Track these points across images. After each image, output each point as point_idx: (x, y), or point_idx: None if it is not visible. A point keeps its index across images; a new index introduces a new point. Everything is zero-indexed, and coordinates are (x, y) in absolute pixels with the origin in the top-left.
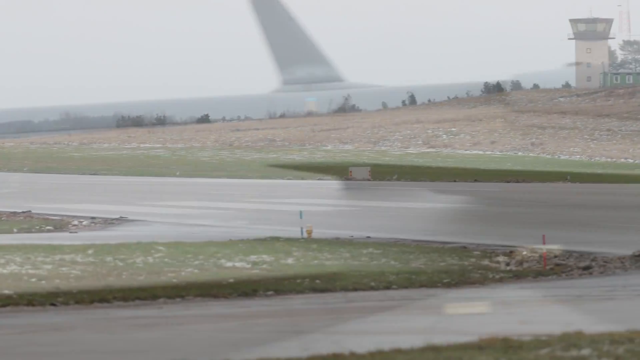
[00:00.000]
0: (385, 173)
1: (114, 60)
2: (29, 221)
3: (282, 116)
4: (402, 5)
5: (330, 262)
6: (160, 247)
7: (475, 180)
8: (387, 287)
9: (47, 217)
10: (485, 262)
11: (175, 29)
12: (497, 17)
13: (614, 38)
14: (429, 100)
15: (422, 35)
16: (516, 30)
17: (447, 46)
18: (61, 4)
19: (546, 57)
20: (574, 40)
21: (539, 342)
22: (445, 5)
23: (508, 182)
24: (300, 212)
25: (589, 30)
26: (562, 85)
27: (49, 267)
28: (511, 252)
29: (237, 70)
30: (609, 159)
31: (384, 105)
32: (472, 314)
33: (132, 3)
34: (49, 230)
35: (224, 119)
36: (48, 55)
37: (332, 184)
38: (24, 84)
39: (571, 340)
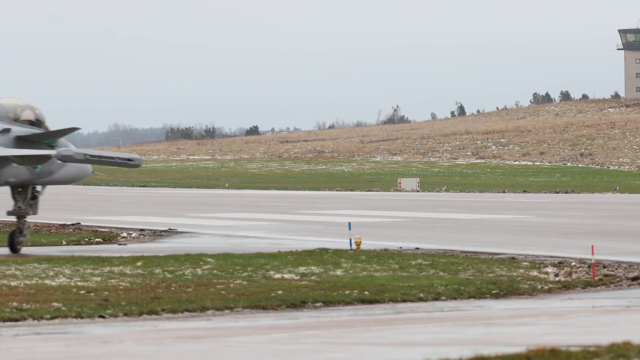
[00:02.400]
0: (434, 184)
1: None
2: (78, 233)
3: (331, 127)
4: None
5: (378, 273)
6: (209, 259)
7: (525, 191)
8: (436, 299)
9: (96, 229)
10: (534, 272)
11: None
12: (546, 28)
13: None
14: (478, 111)
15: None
16: (565, 42)
17: (497, 58)
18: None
19: (595, 67)
20: (623, 51)
21: (587, 353)
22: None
23: (557, 192)
24: (349, 224)
25: (638, 41)
26: (612, 95)
27: (98, 279)
28: (560, 262)
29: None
30: None
31: (433, 116)
32: (520, 324)
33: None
34: (98, 243)
35: (272, 130)
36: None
37: (382, 195)
38: (75, 95)
39: (619, 351)
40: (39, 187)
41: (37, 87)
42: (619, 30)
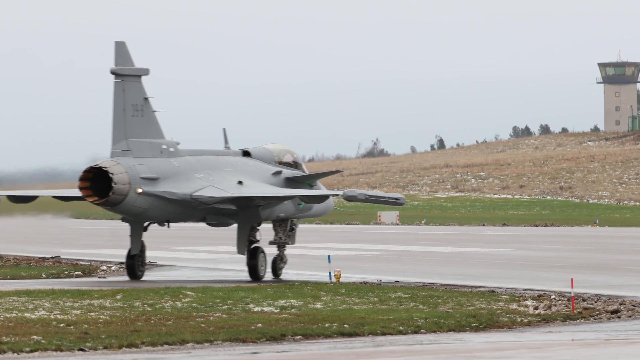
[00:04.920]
0: (414, 217)
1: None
2: (57, 266)
3: (311, 160)
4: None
5: (358, 306)
6: (189, 292)
7: (504, 225)
8: (415, 332)
9: (76, 262)
10: (514, 305)
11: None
12: (526, 62)
13: None
14: (458, 144)
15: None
16: (545, 75)
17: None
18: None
19: (575, 101)
20: (602, 84)
21: None
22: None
23: (536, 225)
24: (329, 257)
25: (618, 74)
26: (591, 128)
27: (78, 312)
28: (540, 295)
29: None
30: (638, 203)
31: (413, 149)
32: (500, 357)
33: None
34: (77, 276)
35: None
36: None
37: (361, 228)
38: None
39: None
40: (295, 220)
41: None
42: (599, 64)
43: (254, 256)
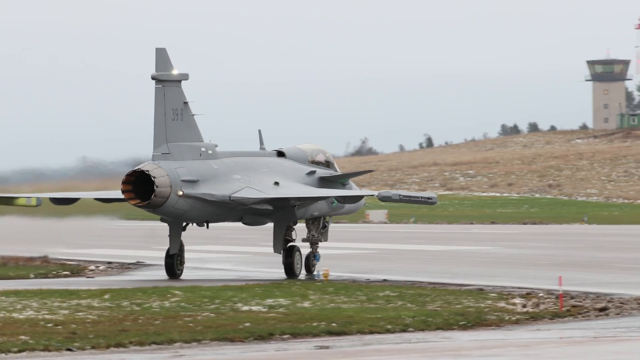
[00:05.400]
0: (402, 216)
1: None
2: (45, 266)
3: None
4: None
5: (346, 305)
6: (177, 292)
7: (492, 223)
8: (403, 330)
9: (64, 262)
10: (502, 304)
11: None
12: (514, 60)
13: (631, 79)
14: (446, 143)
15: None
16: (533, 73)
17: (465, 90)
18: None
19: (563, 99)
20: (591, 82)
21: None
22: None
23: (525, 223)
24: (317, 256)
25: (606, 72)
26: (580, 126)
27: (66, 312)
28: (528, 293)
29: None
30: (626, 200)
31: (401, 148)
32: (488, 355)
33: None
34: (65, 275)
35: None
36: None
37: (349, 227)
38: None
39: None
40: (327, 218)
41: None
42: (587, 62)
43: (290, 255)
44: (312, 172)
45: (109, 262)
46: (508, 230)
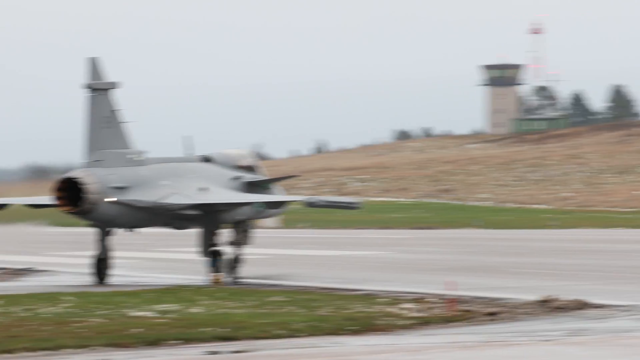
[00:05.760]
0: (295, 221)
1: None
2: None
3: None
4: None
5: (236, 310)
6: (67, 297)
7: (385, 227)
8: (294, 335)
9: None
10: (392, 309)
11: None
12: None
13: (523, 84)
14: (339, 148)
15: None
16: (426, 78)
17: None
18: None
19: (456, 104)
20: (484, 87)
21: None
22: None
23: (417, 228)
24: (209, 261)
25: (499, 77)
26: (473, 131)
27: None
28: (419, 298)
29: None
30: (519, 205)
31: (294, 153)
32: None
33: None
34: None
35: None
36: None
37: None
38: None
39: None
40: (252, 221)
41: None
42: (481, 67)
43: (216, 258)
44: (238, 177)
45: (3, 268)
46: (400, 235)
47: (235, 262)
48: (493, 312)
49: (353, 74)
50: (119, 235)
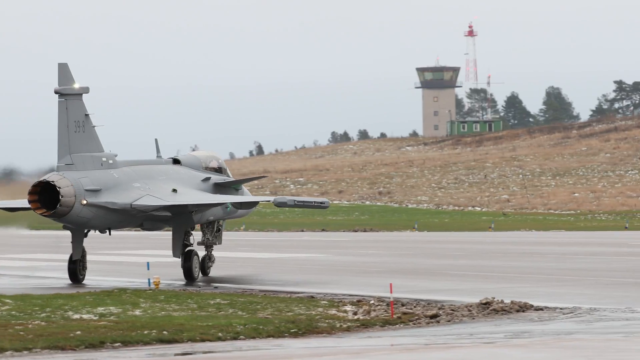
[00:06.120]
0: (233, 223)
1: None
2: None
3: None
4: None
5: (177, 313)
6: (7, 300)
7: (323, 230)
8: (235, 338)
9: None
10: (333, 311)
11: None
12: (344, 68)
13: (460, 86)
14: (277, 150)
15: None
16: (363, 81)
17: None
18: None
19: (393, 106)
20: (420, 89)
21: None
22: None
23: (355, 231)
24: (148, 264)
25: (436, 79)
26: (410, 133)
27: None
28: (359, 301)
29: None
30: (456, 207)
31: (231, 155)
32: None
33: None
34: None
35: None
36: None
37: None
38: None
39: None
40: (222, 222)
41: None
42: (417, 69)
43: (188, 258)
44: (207, 179)
45: None
46: (339, 238)
47: (207, 261)
48: (434, 314)
49: (290, 77)
50: (59, 238)
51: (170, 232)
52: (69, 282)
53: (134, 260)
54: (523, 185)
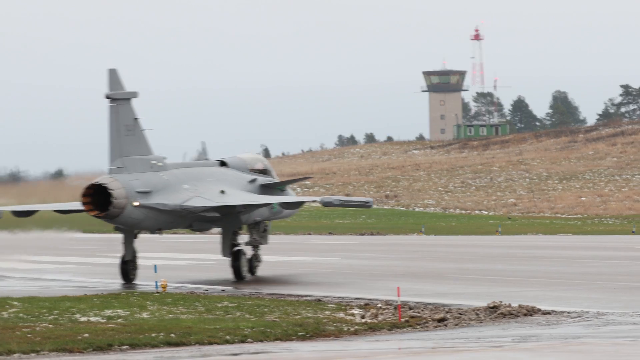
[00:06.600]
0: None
1: None
2: None
3: None
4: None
5: (185, 315)
6: (15, 302)
7: (330, 233)
8: (242, 341)
9: None
10: (340, 314)
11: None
12: (351, 71)
13: (467, 90)
14: (283, 153)
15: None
16: (370, 85)
17: (302, 101)
18: None
19: (400, 110)
20: (427, 93)
21: None
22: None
23: (363, 234)
24: (155, 266)
25: (442, 83)
26: (416, 137)
27: None
28: (366, 304)
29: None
30: (463, 211)
31: None
32: None
33: None
34: None
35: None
36: None
37: (189, 238)
38: None
39: None
40: (267, 222)
41: None
42: (424, 73)
43: (237, 258)
44: (254, 180)
45: None
46: (346, 241)
47: (254, 261)
48: (441, 318)
49: (297, 81)
50: (65, 241)
51: (179, 235)
52: (122, 282)
53: (142, 263)
54: (530, 189)
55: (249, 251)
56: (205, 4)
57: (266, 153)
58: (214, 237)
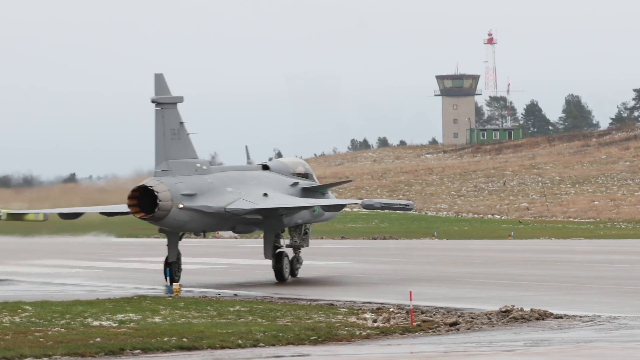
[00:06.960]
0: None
1: None
2: None
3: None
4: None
5: (197, 320)
6: (27, 307)
7: (343, 237)
8: (254, 345)
9: None
10: (352, 319)
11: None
12: (363, 74)
13: (480, 94)
14: (295, 157)
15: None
16: (383, 89)
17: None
18: None
19: (413, 114)
20: (440, 97)
21: None
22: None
23: (375, 238)
24: (167, 271)
25: (456, 87)
26: (429, 141)
27: None
28: (378, 308)
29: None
30: (476, 215)
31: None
32: None
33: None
34: None
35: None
36: None
37: (200, 242)
38: None
39: None
40: (308, 225)
41: None
42: (437, 77)
43: (279, 260)
44: (295, 184)
45: None
46: (358, 245)
47: (295, 263)
48: (453, 322)
49: (311, 86)
50: (77, 245)
51: (189, 240)
52: (166, 283)
53: (154, 267)
54: (542, 194)
55: (290, 253)
56: (218, 7)
57: (279, 157)
58: (225, 242)
